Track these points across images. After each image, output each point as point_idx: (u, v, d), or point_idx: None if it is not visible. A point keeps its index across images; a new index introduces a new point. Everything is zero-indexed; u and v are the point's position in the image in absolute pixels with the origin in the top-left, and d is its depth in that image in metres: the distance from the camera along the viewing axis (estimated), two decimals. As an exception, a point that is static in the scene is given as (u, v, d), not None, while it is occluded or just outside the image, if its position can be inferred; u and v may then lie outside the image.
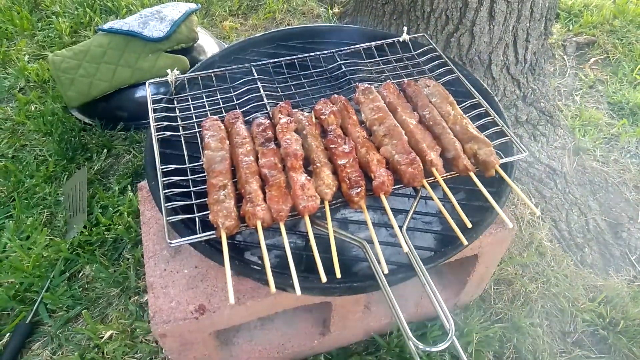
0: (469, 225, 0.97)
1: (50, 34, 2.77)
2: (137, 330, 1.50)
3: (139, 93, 2.12)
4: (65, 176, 1.98)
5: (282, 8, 2.99)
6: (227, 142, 1.11)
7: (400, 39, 1.47)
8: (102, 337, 1.49)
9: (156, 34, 2.10)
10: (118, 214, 1.80)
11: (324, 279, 0.84)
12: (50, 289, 1.62)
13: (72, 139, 2.10)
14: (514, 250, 1.75)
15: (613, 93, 2.46)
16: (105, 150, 2.08)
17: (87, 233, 1.74)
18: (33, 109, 2.29)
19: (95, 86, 2.07)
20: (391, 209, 0.98)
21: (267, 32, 1.54)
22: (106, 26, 2.19)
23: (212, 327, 1.14)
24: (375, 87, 1.27)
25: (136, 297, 1.59)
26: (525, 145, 2.08)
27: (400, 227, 0.95)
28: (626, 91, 2.45)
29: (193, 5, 2.29)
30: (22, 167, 2.02)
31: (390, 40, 1.47)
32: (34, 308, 1.56)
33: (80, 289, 1.62)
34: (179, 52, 2.17)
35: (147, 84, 1.28)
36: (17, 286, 1.61)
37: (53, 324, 1.54)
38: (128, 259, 1.69)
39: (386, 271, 0.87)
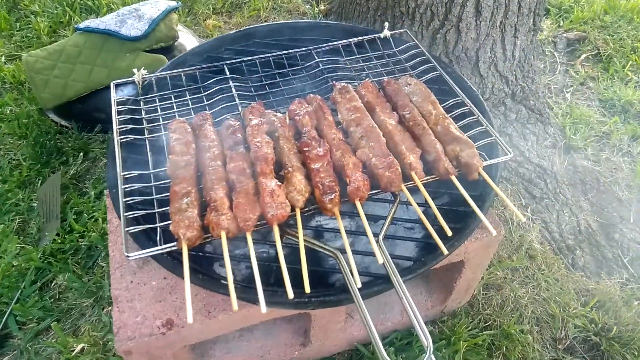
0: (449, 233, 0.91)
1: (28, 34, 2.68)
2: (110, 343, 1.44)
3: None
4: (40, 181, 1.91)
5: (267, 5, 2.92)
6: (194, 145, 1.04)
7: (382, 36, 1.41)
8: (73, 351, 1.43)
9: (134, 33, 2.03)
10: (93, 220, 1.73)
11: (290, 295, 0.77)
12: (21, 300, 1.55)
13: (48, 142, 2.03)
14: (503, 253, 1.70)
15: (604, 90, 2.41)
16: (81, 154, 2.01)
17: (60, 240, 1.67)
18: (8, 111, 2.21)
19: (70, 87, 1.99)
20: (371, 215, 0.93)
21: (241, 29, 1.47)
22: (82, 25, 2.11)
23: (181, 342, 1.08)
24: (354, 86, 1.21)
25: (109, 308, 1.52)
26: (514, 144, 2.02)
27: (376, 237, 0.89)
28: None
29: (173, 3, 2.22)
30: (-6, 172, 1.94)
31: (370, 37, 1.41)
32: (3, 320, 1.49)
33: (52, 300, 1.56)
34: (159, 52, 2.09)
35: (111, 84, 1.21)
36: (-15, 297, 1.54)
37: (23, 336, 1.48)
38: (102, 267, 1.62)
39: (359, 285, 0.81)
